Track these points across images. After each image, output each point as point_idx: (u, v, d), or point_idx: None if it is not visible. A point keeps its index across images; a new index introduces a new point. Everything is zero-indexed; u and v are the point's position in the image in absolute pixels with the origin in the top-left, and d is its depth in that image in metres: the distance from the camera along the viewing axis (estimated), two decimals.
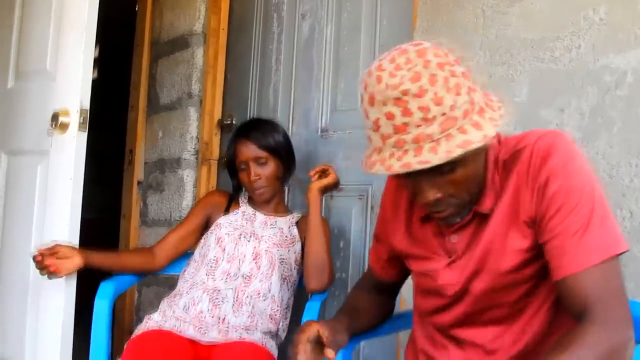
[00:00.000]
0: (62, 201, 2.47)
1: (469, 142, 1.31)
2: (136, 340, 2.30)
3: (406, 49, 1.40)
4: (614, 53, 2.02)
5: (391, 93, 1.33)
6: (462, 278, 1.55)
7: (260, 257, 2.48)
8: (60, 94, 2.51)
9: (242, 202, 2.71)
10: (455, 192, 1.44)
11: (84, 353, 2.33)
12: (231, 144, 2.64)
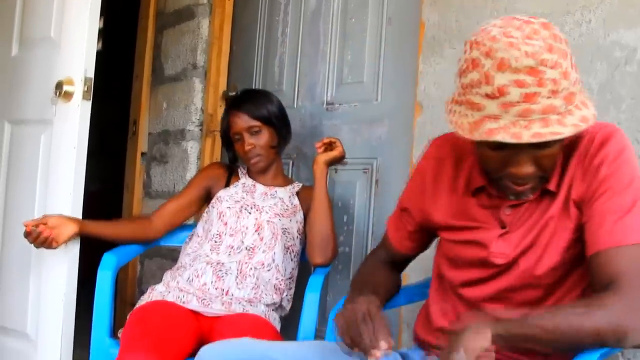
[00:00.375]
0: (65, 171, 2.46)
1: (587, 119, 1.36)
2: (139, 311, 2.30)
3: (527, 20, 1.38)
4: (624, 28, 1.99)
5: (527, 61, 1.32)
6: (514, 251, 1.56)
7: (262, 229, 2.47)
8: (64, 62, 2.49)
9: (241, 173, 2.70)
10: (543, 169, 1.47)
11: (87, 325, 2.33)
12: (225, 116, 2.66)
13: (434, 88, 2.45)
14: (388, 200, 2.66)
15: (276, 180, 2.68)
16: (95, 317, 2.32)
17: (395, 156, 2.65)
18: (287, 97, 3.13)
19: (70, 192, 2.44)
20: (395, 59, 2.71)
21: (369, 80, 2.79)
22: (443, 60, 2.44)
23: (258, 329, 2.24)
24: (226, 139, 2.67)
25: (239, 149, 2.60)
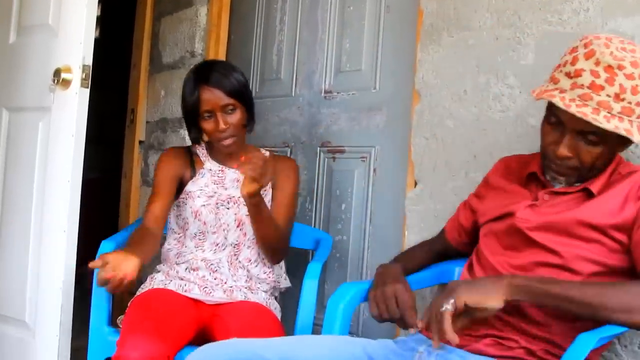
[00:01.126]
0: (63, 158, 2.47)
1: (631, 133, 1.55)
2: (141, 298, 2.31)
3: (636, 44, 1.63)
4: (622, 17, 1.99)
5: (610, 59, 1.55)
6: (538, 220, 1.72)
7: (244, 224, 2.43)
8: (62, 49, 2.49)
9: (202, 156, 2.55)
10: (581, 161, 1.66)
11: (85, 313, 2.33)
12: (192, 91, 2.39)
13: (432, 76, 2.45)
14: (386, 188, 2.67)
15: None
16: (93, 305, 2.32)
17: (393, 144, 2.65)
18: (285, 85, 3.13)
19: (68, 179, 2.44)
20: (394, 47, 2.70)
21: (367, 69, 2.79)
22: (441, 49, 2.43)
23: (259, 317, 2.25)
24: (191, 116, 2.43)
25: (208, 128, 2.40)
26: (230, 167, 2.50)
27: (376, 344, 1.75)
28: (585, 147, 1.63)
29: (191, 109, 2.40)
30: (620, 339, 1.91)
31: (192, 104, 2.38)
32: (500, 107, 2.25)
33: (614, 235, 1.62)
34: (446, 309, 1.46)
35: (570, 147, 1.64)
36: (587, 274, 1.63)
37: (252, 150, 2.54)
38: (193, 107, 2.38)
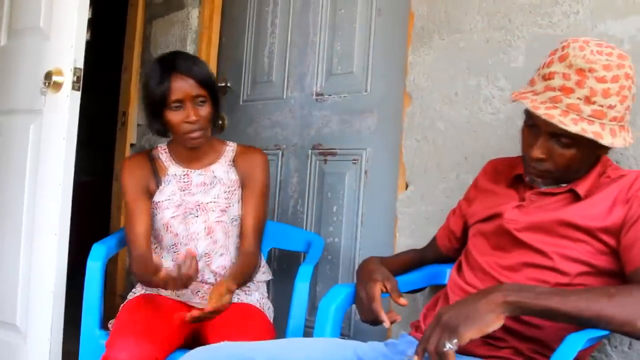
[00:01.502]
0: (55, 161, 2.46)
1: (600, 136, 1.56)
2: (132, 302, 2.30)
3: (614, 47, 1.63)
4: (612, 19, 2.00)
5: (581, 62, 1.57)
6: (525, 220, 1.73)
7: (213, 231, 2.37)
8: (53, 52, 2.49)
9: (165, 160, 2.44)
10: (555, 163, 1.67)
11: (76, 317, 2.33)
12: (162, 78, 2.26)
13: (423, 79, 2.46)
14: (377, 190, 2.67)
15: (209, 156, 2.45)
16: (84, 308, 2.31)
17: (384, 147, 2.66)
18: (277, 87, 3.13)
19: (59, 182, 2.44)
20: (385, 49, 2.71)
21: (358, 71, 2.79)
22: (432, 51, 2.44)
23: (250, 318, 2.24)
24: (157, 107, 2.29)
25: (176, 120, 2.27)
26: (195, 169, 2.42)
27: (367, 347, 1.75)
28: (559, 149, 1.64)
29: (159, 98, 2.26)
30: (611, 340, 1.92)
31: (162, 92, 2.25)
32: (491, 110, 2.26)
33: (602, 238, 1.62)
34: (449, 348, 1.41)
35: (544, 149, 1.66)
36: (574, 274, 1.63)
37: (218, 144, 2.48)
38: (161, 96, 2.25)
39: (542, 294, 1.46)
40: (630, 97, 1.61)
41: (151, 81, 2.29)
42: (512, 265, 1.72)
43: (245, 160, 2.45)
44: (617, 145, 1.59)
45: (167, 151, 2.47)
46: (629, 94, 1.60)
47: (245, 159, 2.46)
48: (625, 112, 1.61)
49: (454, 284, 1.85)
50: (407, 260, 2.13)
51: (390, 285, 1.82)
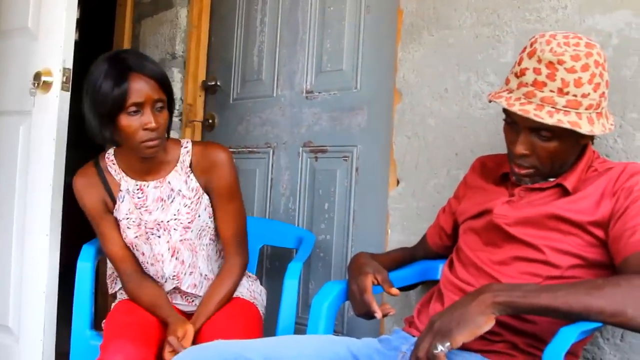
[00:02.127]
0: (45, 162, 2.46)
1: (577, 126, 1.58)
2: (125, 302, 2.28)
3: (582, 37, 1.65)
4: (600, 14, 2.01)
5: (549, 56, 1.59)
6: (515, 214, 1.74)
7: (179, 251, 2.22)
8: (42, 53, 2.49)
9: (115, 173, 2.23)
10: (539, 158, 1.69)
11: (68, 317, 2.32)
12: (118, 78, 1.99)
13: (413, 75, 2.46)
14: (368, 187, 2.67)
15: (163, 165, 2.23)
16: (75, 309, 2.31)
17: (375, 144, 2.66)
18: (267, 86, 3.13)
19: (50, 183, 2.43)
20: (374, 46, 2.71)
21: (348, 69, 2.79)
22: (421, 48, 2.44)
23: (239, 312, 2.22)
24: (110, 112, 2.01)
25: (133, 126, 2.01)
26: (149, 181, 2.21)
27: (360, 343, 1.75)
28: (540, 143, 1.66)
29: (114, 101, 1.98)
30: (603, 332, 1.93)
31: (119, 94, 1.97)
32: (481, 105, 2.26)
33: (591, 231, 1.63)
34: (441, 350, 1.41)
35: (526, 145, 1.68)
36: (565, 267, 1.64)
37: (172, 148, 2.23)
38: (117, 99, 1.98)
39: (530, 291, 1.46)
40: (604, 84, 1.63)
41: (103, 82, 1.99)
42: (504, 260, 1.73)
43: (205, 163, 2.23)
44: (597, 132, 1.61)
45: (115, 162, 2.24)
46: (601, 81, 1.62)
47: (205, 161, 2.23)
48: (601, 99, 1.63)
49: (447, 280, 1.85)
50: (397, 257, 2.14)
51: (381, 277, 1.84)
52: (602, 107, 1.64)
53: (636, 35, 1.94)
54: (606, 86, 1.64)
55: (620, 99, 1.94)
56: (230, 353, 1.59)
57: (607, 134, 1.94)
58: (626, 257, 1.54)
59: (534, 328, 1.63)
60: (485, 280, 1.72)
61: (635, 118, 1.93)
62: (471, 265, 1.80)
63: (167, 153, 2.22)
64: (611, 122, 1.68)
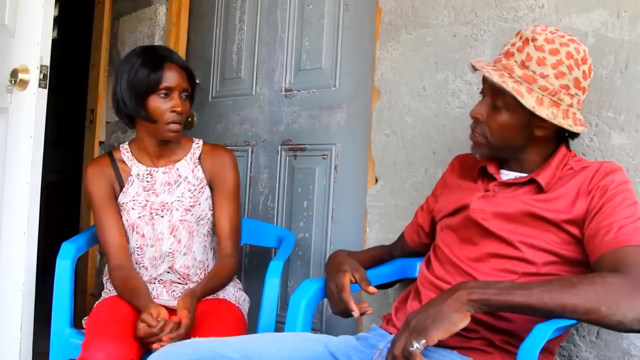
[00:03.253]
0: (22, 160, 2.44)
1: (520, 94, 1.64)
2: (108, 300, 2.28)
3: (574, 37, 1.73)
4: (576, 13, 2.03)
5: (527, 33, 1.69)
6: (491, 209, 1.76)
7: (177, 229, 2.35)
8: (19, 50, 2.46)
9: (128, 160, 2.42)
10: (489, 128, 1.76)
11: (48, 317, 2.31)
12: (156, 65, 2.26)
13: (392, 73, 2.47)
14: (347, 185, 2.68)
15: (175, 153, 2.43)
16: (54, 307, 2.29)
17: (354, 142, 2.67)
18: (246, 84, 3.13)
19: (27, 181, 2.41)
20: (353, 45, 2.72)
21: (327, 67, 2.80)
22: (400, 46, 2.45)
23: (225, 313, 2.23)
24: (143, 92, 2.26)
25: (162, 107, 2.27)
26: (159, 167, 2.40)
27: (337, 341, 1.76)
28: (493, 113, 1.74)
29: (149, 82, 2.24)
30: (579, 330, 1.95)
31: (154, 78, 2.24)
32: (459, 103, 2.27)
33: (567, 229, 1.65)
34: (417, 348, 1.42)
35: (480, 109, 1.77)
36: (541, 263, 1.66)
37: (185, 141, 2.45)
38: (152, 81, 2.24)
39: (505, 289, 1.47)
40: (571, 79, 1.67)
41: (140, 67, 2.26)
42: (480, 257, 1.74)
43: (213, 160, 2.42)
44: (541, 113, 1.64)
45: (129, 150, 2.44)
46: (567, 72, 1.66)
47: (213, 158, 2.43)
48: (561, 89, 1.66)
49: (424, 278, 1.86)
50: (375, 255, 2.15)
51: (358, 275, 1.85)
52: (561, 98, 1.67)
53: (612, 35, 1.96)
54: (574, 85, 1.68)
55: (597, 98, 1.96)
56: (206, 351, 1.59)
57: (583, 133, 1.96)
58: (601, 255, 1.55)
59: (509, 325, 1.64)
60: (462, 277, 1.74)
61: (611, 117, 1.95)
62: (448, 263, 1.81)
63: (180, 144, 2.44)
64: (570, 122, 1.69)
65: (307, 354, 1.67)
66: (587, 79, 1.71)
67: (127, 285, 2.23)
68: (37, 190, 2.44)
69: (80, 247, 2.47)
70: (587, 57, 1.71)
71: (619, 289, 1.43)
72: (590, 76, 1.73)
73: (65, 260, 2.34)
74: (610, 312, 1.41)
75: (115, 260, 2.31)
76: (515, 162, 1.82)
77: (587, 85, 1.72)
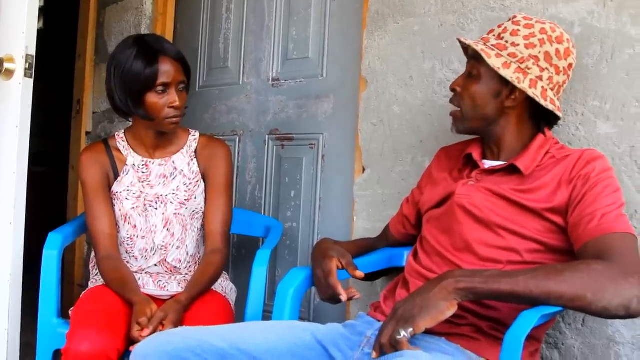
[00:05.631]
0: (8, 151, 2.42)
1: (487, 54, 1.72)
2: (94, 291, 2.27)
3: (556, 24, 1.82)
4: (563, 3, 2.03)
5: (515, 16, 1.81)
6: (475, 194, 1.78)
7: (171, 223, 2.33)
8: (4, 39, 2.44)
9: (124, 149, 2.39)
10: (464, 98, 1.82)
11: (34, 307, 2.30)
12: (150, 60, 2.19)
13: (379, 62, 2.47)
14: (334, 175, 2.68)
15: (172, 145, 2.41)
16: (41, 297, 2.29)
17: (341, 131, 2.67)
18: (233, 73, 3.12)
19: (13, 171, 2.40)
20: (340, 34, 2.72)
21: (314, 56, 2.80)
22: (387, 35, 2.45)
23: (212, 303, 2.23)
24: (140, 89, 2.21)
25: (160, 103, 2.22)
26: (155, 159, 2.38)
27: (325, 329, 1.76)
28: (468, 81, 1.82)
29: (144, 79, 2.18)
30: (565, 317, 1.96)
31: (150, 74, 2.18)
32: (446, 93, 2.27)
33: (549, 218, 1.67)
34: (404, 336, 1.44)
35: (459, 80, 1.85)
36: (526, 252, 1.67)
37: (181, 133, 2.43)
38: (148, 78, 2.18)
39: (491, 277, 1.48)
40: (542, 53, 1.73)
41: (134, 62, 2.19)
42: (466, 246, 1.75)
43: (208, 153, 2.40)
44: (505, 74, 1.71)
45: (125, 139, 2.41)
46: (537, 44, 1.73)
47: (208, 151, 2.40)
48: (529, 59, 1.73)
49: (412, 269, 1.87)
50: (361, 244, 2.17)
51: (345, 260, 1.87)
52: (529, 67, 1.72)
53: (598, 24, 1.96)
54: (545, 58, 1.73)
55: (582, 87, 1.97)
56: (194, 339, 1.59)
57: (569, 122, 1.97)
58: (585, 243, 1.57)
59: (495, 314, 1.65)
60: (448, 267, 1.74)
61: (596, 106, 1.96)
62: (435, 254, 1.82)
63: (177, 137, 2.42)
64: (537, 93, 1.73)
65: (294, 342, 1.67)
66: (563, 60, 1.75)
67: (116, 276, 2.21)
68: (23, 180, 2.43)
69: (67, 237, 2.46)
70: (565, 40, 1.77)
71: (603, 275, 1.45)
72: (568, 59, 1.76)
73: (52, 251, 2.33)
74: (595, 299, 1.42)
75: (105, 250, 2.28)
76: (496, 147, 1.84)
77: (562, 66, 1.75)
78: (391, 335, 1.46)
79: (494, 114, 1.79)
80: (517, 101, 1.76)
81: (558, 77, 1.75)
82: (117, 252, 2.31)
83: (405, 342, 1.43)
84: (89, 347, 1.91)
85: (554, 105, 1.74)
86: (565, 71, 1.76)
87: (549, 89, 1.74)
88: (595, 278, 1.44)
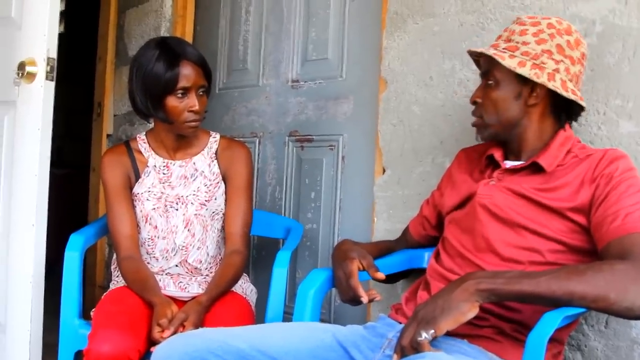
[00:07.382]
0: (30, 153, 2.44)
1: (500, 57, 1.72)
2: (115, 292, 2.29)
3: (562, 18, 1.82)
4: (583, 2, 2.02)
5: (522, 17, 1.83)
6: (497, 193, 1.78)
7: (192, 223, 2.35)
8: (26, 42, 2.46)
9: (145, 150, 2.41)
10: (485, 106, 1.81)
11: (56, 308, 2.32)
12: (171, 63, 2.20)
13: (398, 63, 2.46)
14: (355, 176, 2.68)
15: (193, 147, 2.42)
16: (63, 298, 2.30)
17: (361, 132, 2.67)
18: (252, 75, 3.12)
19: (35, 173, 2.42)
20: (359, 35, 2.71)
21: (333, 57, 2.80)
22: (406, 35, 2.45)
23: (233, 305, 2.23)
24: (160, 93, 2.22)
25: (180, 106, 2.23)
26: (176, 160, 2.39)
27: (346, 330, 1.76)
28: (487, 91, 1.80)
29: (165, 83, 2.19)
30: (587, 319, 1.94)
31: (170, 78, 2.18)
32: (466, 93, 2.27)
33: (572, 217, 1.65)
34: (425, 338, 1.43)
35: (479, 93, 1.83)
36: (548, 252, 1.66)
37: (202, 135, 2.44)
38: (168, 82, 2.19)
39: (513, 278, 1.47)
40: (553, 45, 1.72)
41: (155, 65, 2.20)
42: (487, 246, 1.74)
43: (229, 155, 2.41)
44: (522, 72, 1.69)
45: (146, 141, 2.42)
46: (548, 39, 1.72)
47: (229, 153, 2.41)
48: (542, 53, 1.72)
49: (433, 271, 1.86)
50: (382, 246, 2.16)
51: (366, 262, 1.87)
52: (544, 62, 1.72)
53: (620, 22, 1.95)
54: (558, 51, 1.72)
55: (604, 85, 1.96)
56: (215, 340, 1.59)
57: (591, 121, 1.96)
58: (608, 242, 1.55)
59: (517, 315, 1.64)
60: (470, 268, 1.74)
61: (618, 105, 1.94)
62: (457, 255, 1.82)
63: (198, 139, 2.43)
64: (557, 85, 1.71)
65: (315, 343, 1.67)
66: (575, 50, 1.74)
67: (137, 277, 2.22)
68: (45, 182, 2.45)
69: (89, 238, 2.47)
70: (573, 31, 1.77)
71: (627, 275, 1.43)
72: (580, 49, 1.75)
73: (73, 252, 2.35)
74: (618, 299, 1.41)
75: (126, 251, 2.29)
76: (517, 147, 1.83)
77: (575, 56, 1.74)
78: (412, 337, 1.45)
79: (518, 115, 1.78)
80: (539, 97, 1.75)
81: (574, 67, 1.74)
82: (138, 253, 2.32)
83: (427, 344, 1.43)
84: (110, 348, 1.92)
85: (575, 95, 1.73)
86: (579, 61, 1.76)
87: (567, 80, 1.73)
88: (619, 278, 1.43)
